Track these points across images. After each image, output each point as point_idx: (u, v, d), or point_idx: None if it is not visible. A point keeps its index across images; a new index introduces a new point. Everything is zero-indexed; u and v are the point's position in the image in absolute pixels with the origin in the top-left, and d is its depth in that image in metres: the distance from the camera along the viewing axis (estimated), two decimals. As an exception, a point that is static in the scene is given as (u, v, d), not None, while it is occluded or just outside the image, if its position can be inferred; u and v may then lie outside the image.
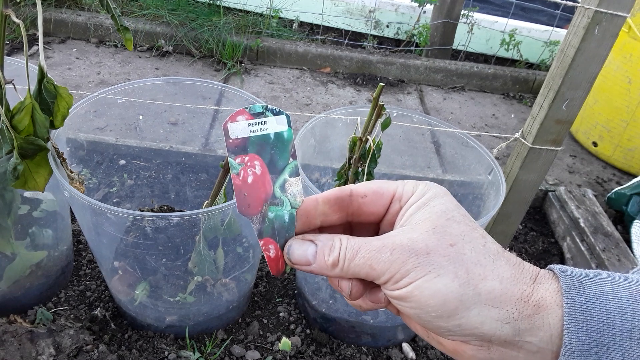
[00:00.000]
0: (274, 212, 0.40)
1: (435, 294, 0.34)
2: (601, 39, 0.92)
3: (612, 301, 0.33)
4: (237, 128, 0.39)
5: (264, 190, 0.39)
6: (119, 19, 0.86)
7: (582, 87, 0.98)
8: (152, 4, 2.51)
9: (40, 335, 1.03)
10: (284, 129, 0.40)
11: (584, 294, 0.33)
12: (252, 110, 0.39)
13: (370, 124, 0.99)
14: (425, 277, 0.35)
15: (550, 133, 1.05)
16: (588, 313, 0.33)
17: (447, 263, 0.35)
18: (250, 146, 0.39)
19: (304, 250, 0.39)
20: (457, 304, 0.34)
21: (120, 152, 1.42)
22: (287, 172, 0.40)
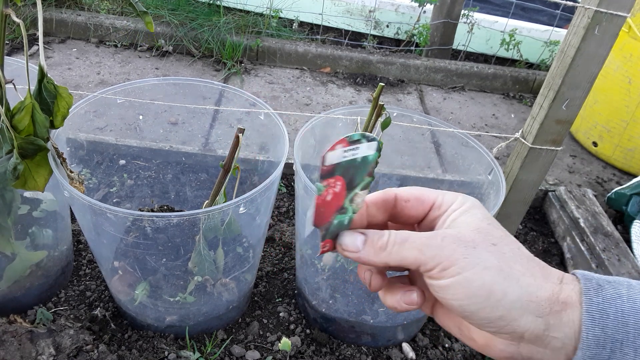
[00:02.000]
0: (338, 219, 0.44)
1: (483, 285, 0.37)
2: (601, 39, 0.92)
3: (627, 302, 0.36)
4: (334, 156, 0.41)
5: (338, 204, 0.43)
6: (136, 5, 0.86)
7: (582, 87, 0.98)
8: (152, 4, 2.51)
9: (40, 335, 1.03)
10: (371, 153, 0.43)
11: (601, 295, 0.37)
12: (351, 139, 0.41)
13: (370, 124, 0.99)
14: (474, 270, 0.38)
15: (550, 133, 1.05)
16: (604, 312, 0.36)
17: (493, 258, 0.38)
18: (338, 170, 0.41)
19: (354, 239, 0.43)
20: (502, 296, 0.37)
21: (120, 152, 1.42)
22: (359, 187, 0.44)
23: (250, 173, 1.32)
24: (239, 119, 1.32)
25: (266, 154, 1.31)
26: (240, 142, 0.89)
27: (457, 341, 1.30)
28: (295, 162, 1.01)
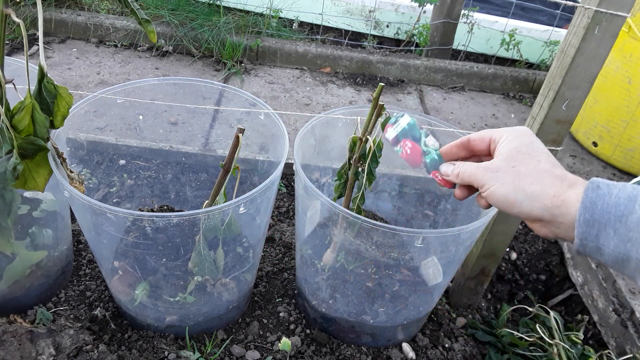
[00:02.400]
0: (428, 158, 0.75)
1: (501, 196, 0.60)
2: (601, 39, 0.92)
3: (613, 199, 0.53)
4: (389, 133, 0.80)
5: (418, 151, 0.76)
6: (138, 12, 0.86)
7: (582, 87, 0.98)
8: (152, 4, 2.50)
9: (40, 335, 1.03)
10: (408, 120, 0.78)
11: (596, 193, 0.54)
12: (391, 121, 0.80)
13: (370, 124, 0.99)
14: (495, 186, 0.61)
15: (550, 133, 1.04)
16: (594, 203, 0.54)
17: (509, 177, 0.60)
18: (400, 137, 0.78)
19: (447, 167, 0.72)
20: (514, 201, 0.59)
21: (120, 152, 1.42)
22: (423, 136, 0.77)
23: (250, 173, 1.32)
24: (239, 119, 1.32)
25: (266, 154, 1.31)
26: (240, 142, 0.89)
27: (457, 341, 1.30)
28: (295, 162, 1.01)
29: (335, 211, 0.97)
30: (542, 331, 1.25)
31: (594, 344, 1.40)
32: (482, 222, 0.96)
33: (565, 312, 1.55)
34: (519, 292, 1.60)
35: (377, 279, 1.12)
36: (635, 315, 1.29)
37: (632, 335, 1.27)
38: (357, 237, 1.05)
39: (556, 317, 1.30)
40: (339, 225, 1.06)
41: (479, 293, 1.38)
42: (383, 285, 1.13)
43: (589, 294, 1.47)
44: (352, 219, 0.94)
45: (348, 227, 1.03)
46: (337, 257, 1.13)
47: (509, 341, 1.29)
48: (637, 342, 1.26)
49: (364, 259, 1.09)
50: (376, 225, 0.90)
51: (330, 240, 1.13)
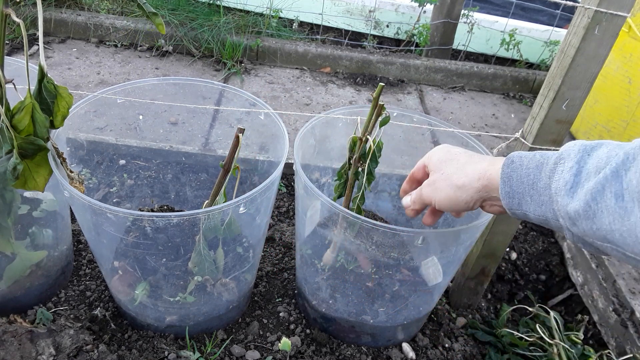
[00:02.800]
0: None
1: (445, 199, 0.71)
2: (601, 39, 0.92)
3: (524, 169, 0.60)
4: None
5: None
6: (145, 6, 0.86)
7: (582, 87, 0.98)
8: (152, 4, 2.51)
9: (40, 335, 1.03)
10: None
11: (511, 167, 0.62)
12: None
13: (370, 124, 0.99)
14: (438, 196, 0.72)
15: (551, 133, 1.04)
16: (510, 177, 0.61)
17: (442, 182, 0.71)
18: None
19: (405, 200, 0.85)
20: (455, 198, 0.69)
21: (120, 152, 1.42)
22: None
23: (250, 173, 1.32)
24: (239, 119, 1.32)
25: (266, 154, 1.31)
26: (240, 142, 0.89)
27: (457, 341, 1.30)
28: (295, 162, 1.01)
29: (335, 211, 0.97)
30: (542, 331, 1.25)
31: (594, 344, 1.40)
32: (482, 222, 0.96)
33: (565, 312, 1.55)
34: (519, 292, 1.60)
35: (377, 279, 1.12)
36: (635, 315, 1.29)
37: (632, 335, 1.27)
38: (357, 237, 1.05)
39: (556, 317, 1.30)
40: (339, 225, 1.06)
41: (479, 293, 1.38)
42: (383, 285, 1.13)
43: (589, 294, 1.47)
44: (352, 218, 0.94)
45: (348, 227, 1.03)
46: (337, 257, 1.13)
47: (509, 341, 1.29)
48: (637, 342, 1.26)
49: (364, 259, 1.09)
50: (376, 225, 0.90)
51: (330, 240, 1.13)
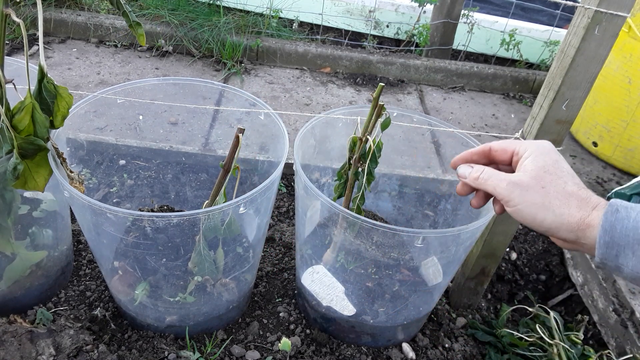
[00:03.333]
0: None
1: (530, 215, 0.62)
2: (601, 39, 0.92)
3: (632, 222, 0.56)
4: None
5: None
6: (130, 15, 0.86)
7: (582, 87, 0.98)
8: (152, 4, 2.51)
9: (40, 335, 1.03)
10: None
11: (615, 216, 0.57)
12: None
13: (370, 124, 0.99)
14: (524, 205, 0.62)
15: (551, 133, 1.04)
16: (613, 226, 0.57)
17: (539, 197, 0.61)
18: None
19: (465, 169, 0.71)
20: (542, 220, 0.61)
21: (120, 152, 1.42)
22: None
23: (250, 173, 1.32)
24: (239, 119, 1.32)
25: (266, 154, 1.31)
26: (240, 142, 0.89)
27: (457, 341, 1.30)
28: (295, 162, 1.01)
29: (335, 211, 0.97)
30: (542, 331, 1.25)
31: (594, 344, 1.40)
32: (482, 222, 0.96)
33: (565, 312, 1.55)
34: (519, 292, 1.60)
35: (377, 279, 1.12)
36: (635, 315, 1.29)
37: (632, 335, 1.27)
38: (357, 237, 1.05)
39: (556, 317, 1.30)
40: (339, 225, 1.06)
41: (479, 293, 1.38)
42: (383, 285, 1.13)
43: (589, 294, 1.47)
44: (352, 219, 0.94)
45: (348, 227, 1.03)
46: (337, 257, 1.13)
47: (509, 341, 1.29)
48: (637, 342, 1.26)
49: (364, 259, 1.09)
50: (376, 225, 0.90)
51: (330, 240, 1.13)
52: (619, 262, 0.57)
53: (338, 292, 1.14)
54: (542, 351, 1.26)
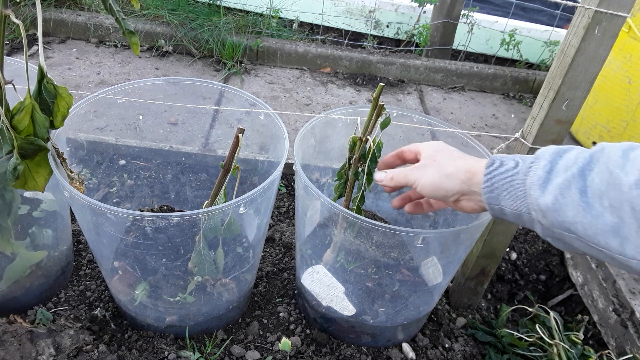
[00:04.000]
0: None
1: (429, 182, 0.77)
2: (601, 39, 0.92)
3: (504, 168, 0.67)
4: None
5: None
6: (123, 22, 0.86)
7: (582, 87, 0.98)
8: (152, 4, 2.51)
9: (40, 335, 1.03)
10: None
11: (493, 166, 0.69)
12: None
13: (370, 124, 0.99)
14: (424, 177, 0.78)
15: (551, 133, 1.04)
16: (492, 174, 0.68)
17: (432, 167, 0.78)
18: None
19: (380, 174, 0.89)
20: (440, 183, 0.76)
21: (120, 152, 1.42)
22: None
23: (250, 173, 1.32)
24: (239, 119, 1.32)
25: (266, 154, 1.31)
26: (240, 142, 0.89)
27: (457, 341, 1.30)
28: (295, 162, 1.01)
29: (335, 211, 0.97)
30: (542, 331, 1.25)
31: (594, 344, 1.40)
32: (482, 222, 0.96)
33: (565, 312, 1.55)
34: (519, 292, 1.60)
35: (377, 279, 1.12)
36: (635, 315, 1.29)
37: (632, 335, 1.27)
38: (357, 237, 1.05)
39: (556, 317, 1.30)
40: (338, 225, 1.06)
41: (479, 293, 1.38)
42: (383, 285, 1.13)
43: (589, 294, 1.47)
44: (352, 219, 0.94)
45: (348, 227, 1.03)
46: (337, 257, 1.13)
47: (509, 341, 1.29)
48: (637, 342, 1.26)
49: (364, 259, 1.09)
50: (376, 225, 0.90)
51: (330, 240, 1.13)
52: (501, 204, 0.66)
53: (338, 292, 1.13)
54: (542, 351, 1.26)
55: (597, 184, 0.55)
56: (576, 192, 0.56)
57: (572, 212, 0.56)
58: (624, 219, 0.52)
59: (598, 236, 0.54)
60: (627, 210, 0.52)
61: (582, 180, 0.57)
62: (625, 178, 0.52)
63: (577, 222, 0.56)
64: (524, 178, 0.63)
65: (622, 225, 0.52)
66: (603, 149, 0.58)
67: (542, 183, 0.60)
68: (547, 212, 0.59)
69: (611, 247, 0.54)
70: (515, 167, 0.65)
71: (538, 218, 0.62)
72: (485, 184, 0.68)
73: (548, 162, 0.61)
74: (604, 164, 0.56)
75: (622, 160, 0.54)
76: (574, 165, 0.58)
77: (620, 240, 0.53)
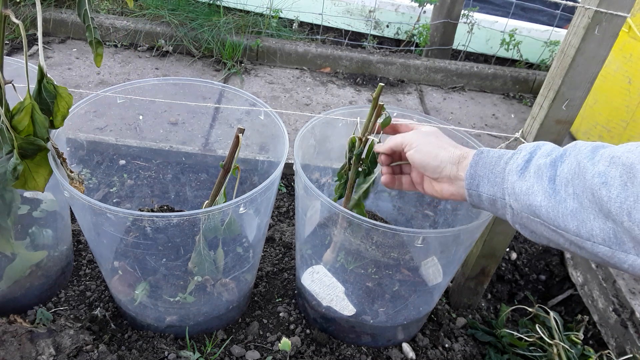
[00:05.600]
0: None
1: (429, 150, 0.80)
2: (601, 39, 0.92)
3: (489, 158, 0.73)
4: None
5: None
6: (93, 31, 0.85)
7: (582, 87, 0.98)
8: (152, 4, 2.51)
9: (40, 335, 1.03)
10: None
11: (478, 156, 0.74)
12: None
13: (370, 124, 0.99)
14: (422, 145, 0.81)
15: (551, 133, 1.04)
16: (477, 163, 0.74)
17: (435, 140, 0.82)
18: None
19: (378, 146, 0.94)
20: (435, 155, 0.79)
21: (120, 152, 1.42)
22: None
23: (250, 173, 1.32)
24: (239, 119, 1.32)
25: (266, 154, 1.31)
26: (240, 142, 0.89)
27: (457, 341, 1.30)
28: (295, 162, 1.01)
29: (335, 211, 0.97)
30: (542, 331, 1.25)
31: (594, 344, 1.40)
32: (482, 222, 0.96)
33: (565, 312, 1.55)
34: (519, 292, 1.60)
35: (377, 279, 1.12)
36: (635, 315, 1.29)
37: (632, 335, 1.27)
38: (357, 237, 1.05)
39: (556, 317, 1.30)
40: (338, 225, 1.06)
41: (479, 293, 1.38)
42: (383, 285, 1.13)
43: (589, 294, 1.47)
44: (352, 219, 0.94)
45: (348, 227, 1.03)
46: (337, 257, 1.13)
47: (509, 341, 1.29)
48: (637, 342, 1.26)
49: (364, 259, 1.09)
50: (376, 225, 0.90)
51: (330, 240, 1.13)
52: (480, 191, 0.72)
53: (338, 292, 1.14)
54: (542, 351, 1.26)
55: (565, 173, 0.62)
56: (546, 179, 0.63)
57: (540, 197, 0.63)
58: (584, 204, 0.59)
59: (559, 219, 0.61)
60: (588, 196, 0.58)
61: (553, 170, 0.64)
62: (591, 168, 0.59)
63: (543, 207, 0.63)
64: (504, 166, 0.70)
65: (581, 210, 0.59)
66: (576, 144, 0.65)
67: (520, 170, 0.67)
68: (520, 195, 0.66)
69: (569, 229, 0.60)
70: (498, 157, 0.72)
71: (510, 202, 0.68)
72: (469, 171, 0.74)
73: (528, 153, 0.69)
74: (574, 156, 0.63)
75: (591, 154, 0.61)
76: (549, 156, 0.66)
77: (577, 224, 0.59)
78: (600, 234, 0.57)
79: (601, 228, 0.57)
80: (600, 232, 0.57)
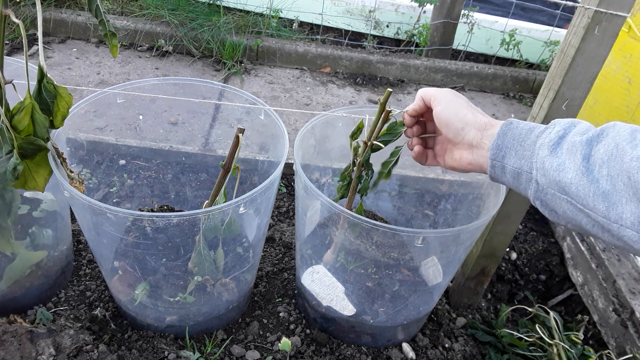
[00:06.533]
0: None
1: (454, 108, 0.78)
2: (601, 39, 0.92)
3: (519, 130, 0.71)
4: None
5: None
6: (107, 24, 0.86)
7: (582, 87, 0.98)
8: (152, 4, 2.51)
9: (40, 335, 1.03)
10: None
11: (508, 127, 0.72)
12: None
13: (377, 129, 0.98)
14: (452, 102, 0.79)
15: (550, 133, 1.04)
16: (505, 133, 0.71)
17: (464, 102, 0.79)
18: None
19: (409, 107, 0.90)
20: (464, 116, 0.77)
21: (120, 152, 1.42)
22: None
23: (250, 173, 1.32)
24: (239, 119, 1.32)
25: (266, 154, 1.31)
26: (240, 142, 0.89)
27: (457, 341, 1.30)
28: (295, 162, 1.01)
29: (335, 211, 0.97)
30: (542, 331, 1.25)
31: (594, 344, 1.40)
32: (482, 222, 0.96)
33: (565, 312, 1.55)
34: (519, 292, 1.60)
35: (377, 279, 1.12)
36: (635, 315, 1.29)
37: (632, 335, 1.27)
38: (357, 237, 1.05)
39: (556, 317, 1.30)
40: (339, 225, 1.06)
41: (479, 293, 1.38)
42: (383, 285, 1.13)
43: (589, 294, 1.47)
44: (353, 219, 0.94)
45: (348, 227, 1.03)
46: (337, 257, 1.13)
47: (509, 341, 1.29)
48: (637, 342, 1.26)
49: (364, 259, 1.09)
50: (376, 225, 0.90)
51: (330, 240, 1.13)
52: (505, 162, 0.71)
53: (338, 292, 1.14)
54: (542, 351, 1.26)
55: (601, 153, 0.61)
56: (580, 157, 0.62)
57: (571, 174, 0.62)
58: (617, 186, 0.58)
59: (588, 198, 0.60)
60: (624, 179, 0.57)
61: (588, 148, 0.63)
62: (630, 151, 0.57)
63: (573, 184, 0.62)
64: (535, 140, 0.68)
65: (614, 192, 0.58)
66: (615, 125, 0.64)
67: (553, 145, 0.65)
68: (549, 170, 0.64)
69: (597, 210, 0.60)
70: (529, 130, 0.70)
71: (537, 177, 0.66)
72: (495, 141, 0.71)
73: (562, 128, 0.67)
74: (612, 137, 0.61)
75: (630, 137, 0.59)
76: (585, 134, 0.65)
77: (608, 205, 0.59)
78: (630, 217, 0.57)
79: (632, 212, 0.56)
80: (631, 215, 0.56)
